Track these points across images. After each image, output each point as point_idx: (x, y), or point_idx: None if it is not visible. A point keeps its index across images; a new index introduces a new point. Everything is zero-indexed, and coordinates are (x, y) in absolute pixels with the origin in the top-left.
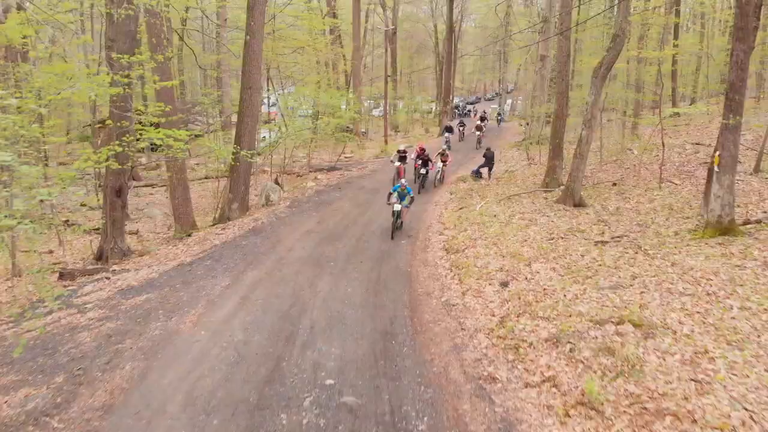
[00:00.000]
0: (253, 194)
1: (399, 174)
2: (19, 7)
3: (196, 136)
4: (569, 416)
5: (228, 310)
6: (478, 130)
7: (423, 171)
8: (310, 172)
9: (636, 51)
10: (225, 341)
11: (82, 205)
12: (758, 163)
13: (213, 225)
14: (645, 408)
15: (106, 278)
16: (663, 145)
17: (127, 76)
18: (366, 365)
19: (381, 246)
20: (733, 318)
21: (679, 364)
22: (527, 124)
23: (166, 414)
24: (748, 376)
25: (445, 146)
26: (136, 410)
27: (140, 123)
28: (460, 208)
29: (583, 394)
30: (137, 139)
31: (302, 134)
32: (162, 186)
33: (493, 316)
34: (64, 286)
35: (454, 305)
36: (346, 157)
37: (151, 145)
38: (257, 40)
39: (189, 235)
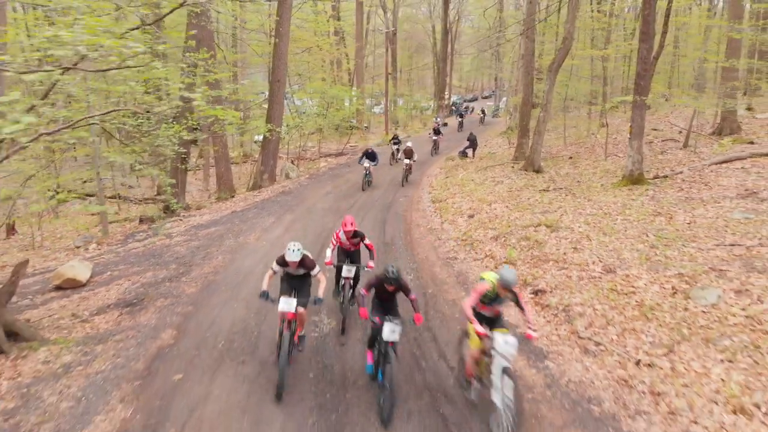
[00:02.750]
0: None
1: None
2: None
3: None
4: (497, 269)
5: (278, 233)
6: (435, 134)
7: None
8: (321, 157)
9: (586, 50)
10: (281, 246)
11: (122, 185)
12: (686, 140)
13: (248, 191)
14: (540, 260)
15: (180, 219)
16: (607, 125)
17: (195, 70)
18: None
19: (385, 201)
20: (614, 223)
21: (567, 242)
22: (511, 116)
23: (254, 273)
24: (607, 246)
25: (365, 176)
26: (234, 272)
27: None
28: (447, 177)
29: (506, 259)
30: (193, 123)
31: (317, 121)
32: (189, 170)
33: (460, 231)
34: (146, 228)
35: (434, 229)
36: (351, 146)
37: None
38: (284, 42)
39: (232, 197)
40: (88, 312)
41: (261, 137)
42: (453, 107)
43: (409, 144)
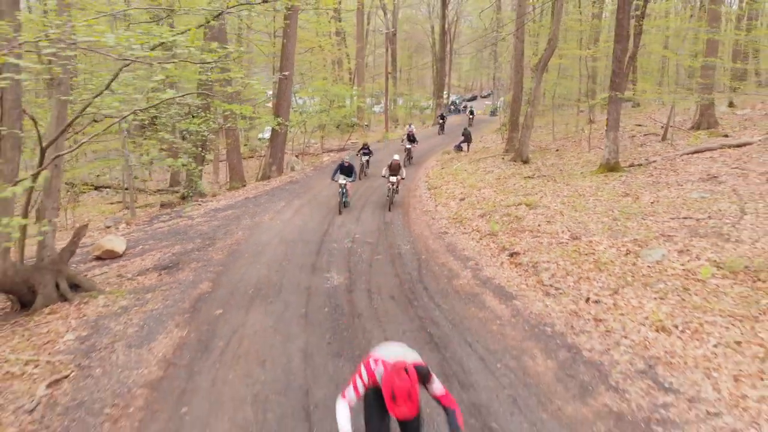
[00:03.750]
0: None
1: None
2: None
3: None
4: (481, 239)
5: (288, 215)
6: (409, 142)
7: None
8: (323, 152)
9: (573, 51)
10: (292, 225)
11: (135, 178)
12: (665, 133)
13: (257, 181)
14: (517, 230)
15: (198, 204)
16: (591, 122)
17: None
18: (377, 232)
19: (384, 190)
20: (586, 202)
21: (542, 217)
22: (505, 113)
23: (271, 244)
24: (576, 219)
25: (341, 195)
26: (253, 244)
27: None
28: (442, 168)
29: (490, 232)
30: (209, 116)
31: (320, 117)
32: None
33: (452, 212)
34: (168, 212)
35: (429, 211)
36: (352, 143)
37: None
38: (291, 42)
39: (243, 186)
40: (131, 274)
41: (266, 134)
42: (452, 106)
43: (396, 157)
